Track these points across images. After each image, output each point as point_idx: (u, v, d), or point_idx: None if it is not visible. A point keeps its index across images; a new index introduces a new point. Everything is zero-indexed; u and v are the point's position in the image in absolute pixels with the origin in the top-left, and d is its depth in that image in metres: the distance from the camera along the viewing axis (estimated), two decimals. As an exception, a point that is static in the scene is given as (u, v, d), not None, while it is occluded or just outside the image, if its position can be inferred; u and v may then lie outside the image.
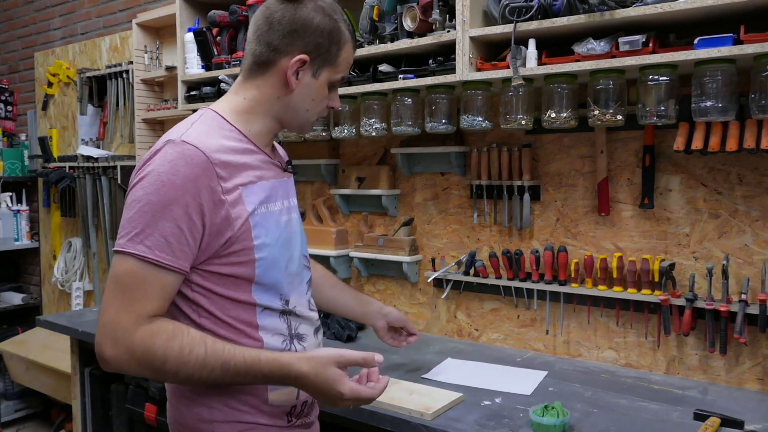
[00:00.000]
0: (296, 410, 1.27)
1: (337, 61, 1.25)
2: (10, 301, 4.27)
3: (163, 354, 1.06)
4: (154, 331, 1.06)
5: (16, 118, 4.48)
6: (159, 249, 1.06)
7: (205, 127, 1.17)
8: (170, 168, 1.08)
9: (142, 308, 1.06)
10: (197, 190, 1.09)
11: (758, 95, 1.54)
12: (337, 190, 2.54)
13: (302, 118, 1.28)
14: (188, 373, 1.08)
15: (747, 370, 1.76)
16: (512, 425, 1.49)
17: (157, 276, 1.07)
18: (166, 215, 1.06)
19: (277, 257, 1.22)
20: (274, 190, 1.25)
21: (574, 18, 1.63)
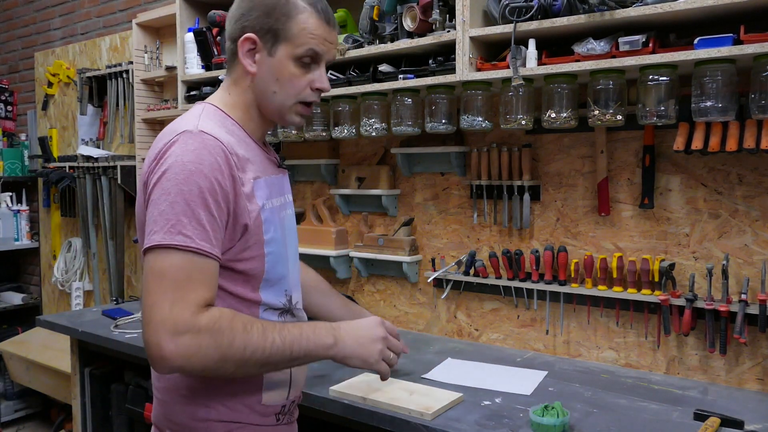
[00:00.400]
0: (285, 409, 1.29)
1: (292, 34, 1.18)
2: (10, 301, 4.27)
3: (230, 332, 1.04)
4: (217, 315, 1.05)
5: (16, 118, 4.48)
6: (200, 238, 1.05)
7: (212, 121, 1.17)
8: (195, 157, 1.07)
9: (198, 297, 1.04)
10: (223, 178, 1.09)
11: (758, 95, 1.54)
12: (337, 190, 2.54)
13: (275, 102, 1.22)
14: (254, 347, 1.07)
15: (747, 370, 1.76)
16: (512, 425, 1.49)
17: (203, 264, 1.05)
18: (200, 203, 1.05)
19: (282, 252, 1.23)
20: (274, 186, 1.25)
21: (574, 18, 1.63)
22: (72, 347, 2.64)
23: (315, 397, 1.69)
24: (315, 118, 2.33)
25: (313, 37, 1.19)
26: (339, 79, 2.17)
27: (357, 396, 1.65)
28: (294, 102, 1.23)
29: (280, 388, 1.25)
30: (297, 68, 1.20)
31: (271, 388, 1.24)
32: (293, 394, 1.30)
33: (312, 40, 1.19)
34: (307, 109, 1.25)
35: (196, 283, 1.04)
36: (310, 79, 1.22)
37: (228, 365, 1.06)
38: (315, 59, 1.21)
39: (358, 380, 1.77)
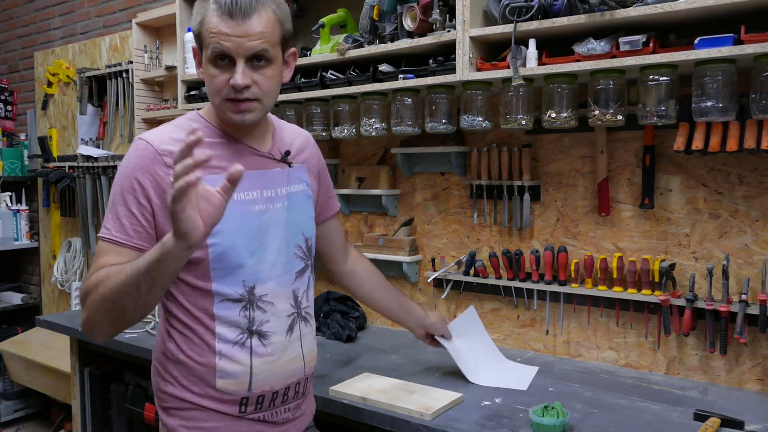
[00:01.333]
0: (249, 402, 1.30)
1: (203, 36, 1.22)
2: (10, 301, 4.26)
3: (96, 282, 1.14)
4: (100, 274, 1.15)
5: (16, 118, 4.48)
6: (115, 230, 1.21)
7: (173, 126, 1.29)
8: (126, 161, 1.25)
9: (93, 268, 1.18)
10: (143, 177, 1.21)
11: (759, 95, 1.54)
12: (337, 190, 2.53)
13: (213, 103, 1.28)
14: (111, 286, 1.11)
15: (747, 371, 1.76)
16: (512, 425, 1.49)
17: (117, 251, 1.20)
18: (120, 201, 1.22)
19: (237, 244, 1.25)
20: (248, 180, 1.27)
21: (575, 18, 1.63)
22: (72, 347, 2.63)
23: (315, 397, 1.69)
24: (315, 118, 2.33)
25: (214, 36, 1.18)
26: (339, 79, 2.17)
27: (357, 396, 1.65)
28: (220, 101, 1.24)
29: (237, 378, 1.28)
30: (215, 69, 1.22)
31: (225, 376, 1.27)
32: (259, 388, 1.30)
33: (213, 39, 1.19)
34: (238, 105, 1.23)
35: (100, 258, 1.20)
36: (227, 78, 1.21)
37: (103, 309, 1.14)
38: (224, 57, 1.20)
39: (358, 380, 1.77)
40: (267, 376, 1.31)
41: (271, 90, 1.26)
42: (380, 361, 2.01)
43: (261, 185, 1.31)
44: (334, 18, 2.26)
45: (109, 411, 2.61)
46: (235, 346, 1.27)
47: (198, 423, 1.28)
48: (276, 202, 1.33)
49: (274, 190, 1.33)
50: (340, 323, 2.28)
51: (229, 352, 1.27)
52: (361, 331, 2.38)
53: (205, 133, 1.23)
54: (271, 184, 1.33)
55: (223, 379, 1.27)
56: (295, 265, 1.36)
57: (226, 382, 1.27)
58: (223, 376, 1.27)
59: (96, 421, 2.65)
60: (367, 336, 2.34)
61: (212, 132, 1.29)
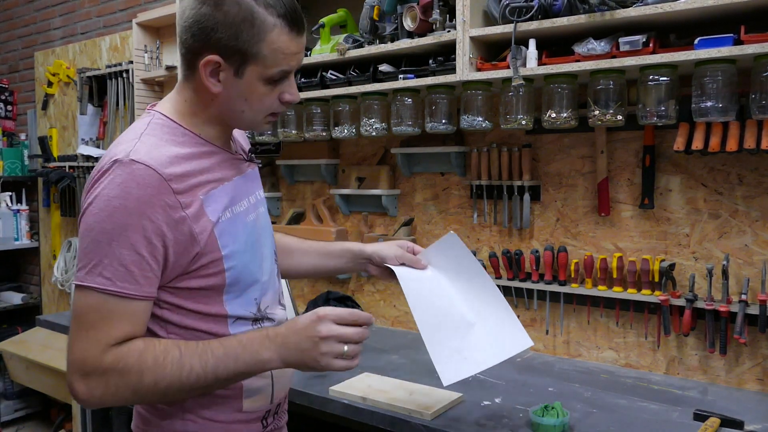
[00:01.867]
0: (270, 414, 1.24)
1: (263, 55, 1.06)
2: (10, 301, 4.27)
3: (138, 369, 1.00)
4: (124, 352, 1.01)
5: (16, 118, 4.48)
6: (120, 279, 1.00)
7: (154, 138, 1.08)
8: (121, 192, 1.00)
9: (108, 336, 1.01)
10: (153, 211, 1.01)
11: (758, 95, 1.54)
12: (337, 190, 2.54)
13: (244, 119, 1.15)
14: (168, 381, 1.02)
15: (747, 371, 1.76)
16: (512, 425, 1.49)
17: (123, 306, 1.01)
18: (123, 242, 1.00)
19: (248, 261, 1.15)
20: (238, 189, 1.17)
21: (575, 18, 1.63)
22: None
23: (315, 397, 1.69)
24: (315, 118, 2.33)
25: (285, 57, 1.08)
26: (339, 79, 2.17)
27: (357, 396, 1.65)
28: (264, 116, 1.16)
29: (262, 393, 1.21)
30: (266, 87, 1.11)
31: (251, 395, 1.19)
32: (278, 397, 1.25)
33: (284, 61, 1.09)
34: (276, 116, 1.19)
35: (112, 322, 1.01)
36: (278, 93, 1.13)
37: (147, 399, 1.06)
38: (285, 75, 1.12)
39: (358, 380, 1.77)
40: (284, 382, 1.27)
41: None
42: (380, 361, 2.01)
43: (246, 192, 1.21)
44: (334, 18, 2.27)
45: (109, 411, 2.61)
46: None
47: None
48: (259, 206, 1.24)
49: (255, 194, 1.24)
50: (340, 323, 2.28)
51: None
52: (361, 331, 2.37)
53: (188, 141, 1.12)
54: (252, 188, 1.23)
55: (249, 398, 1.18)
56: (275, 268, 1.30)
57: (252, 401, 1.19)
58: (249, 395, 1.18)
59: (96, 421, 2.65)
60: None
61: (193, 140, 1.13)
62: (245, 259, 1.14)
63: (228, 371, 1.05)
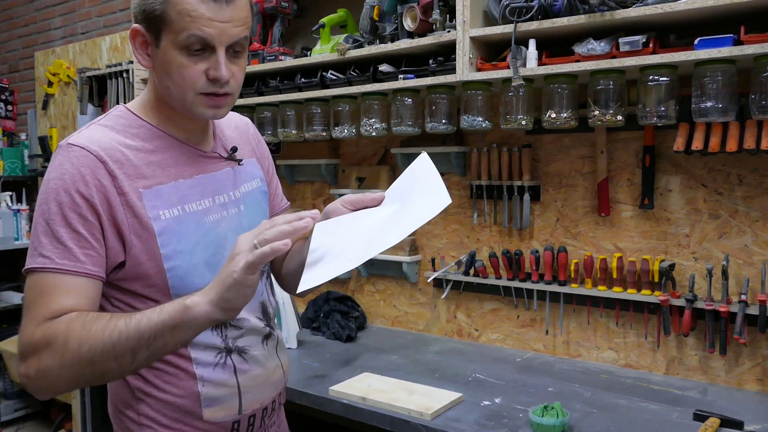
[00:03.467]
0: (242, 425, 1.18)
1: (170, 18, 1.01)
2: (10, 301, 4.27)
3: (64, 335, 0.94)
4: (55, 322, 0.96)
5: (17, 118, 4.48)
6: (59, 257, 0.99)
7: (104, 128, 1.09)
8: (57, 173, 1.02)
9: (46, 311, 0.97)
10: (87, 188, 1.01)
11: (758, 96, 1.54)
12: (337, 190, 2.54)
13: (174, 97, 1.08)
14: (91, 343, 0.93)
15: (747, 371, 1.76)
16: (512, 425, 1.49)
17: (64, 282, 0.99)
18: (60, 220, 1.00)
19: (197, 263, 1.09)
20: (197, 187, 1.13)
21: (575, 18, 1.63)
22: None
23: (315, 397, 1.69)
24: (315, 118, 2.33)
25: (193, 20, 1.00)
26: (339, 79, 2.17)
27: (357, 396, 1.65)
28: (193, 95, 1.06)
29: (226, 403, 1.14)
30: (184, 57, 1.03)
31: (211, 404, 1.13)
32: (249, 407, 1.18)
33: (192, 24, 1.00)
34: (217, 99, 1.08)
35: (50, 297, 0.97)
36: (204, 68, 1.04)
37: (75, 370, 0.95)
38: (205, 45, 1.03)
39: (358, 380, 1.77)
40: (256, 393, 1.19)
41: (241, 81, 1.12)
42: (380, 361, 2.01)
43: (212, 191, 1.15)
44: (334, 18, 2.27)
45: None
46: (216, 368, 1.13)
47: None
48: (230, 207, 1.18)
49: (227, 194, 1.18)
50: (340, 323, 2.29)
51: (211, 376, 1.12)
52: (361, 330, 2.38)
53: (143, 134, 1.10)
54: (222, 188, 1.17)
55: (209, 407, 1.12)
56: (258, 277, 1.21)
57: (213, 410, 1.13)
58: (209, 404, 1.12)
59: (96, 420, 2.65)
60: (367, 336, 2.34)
61: (151, 133, 1.11)
62: (194, 260, 1.08)
63: (151, 323, 0.94)
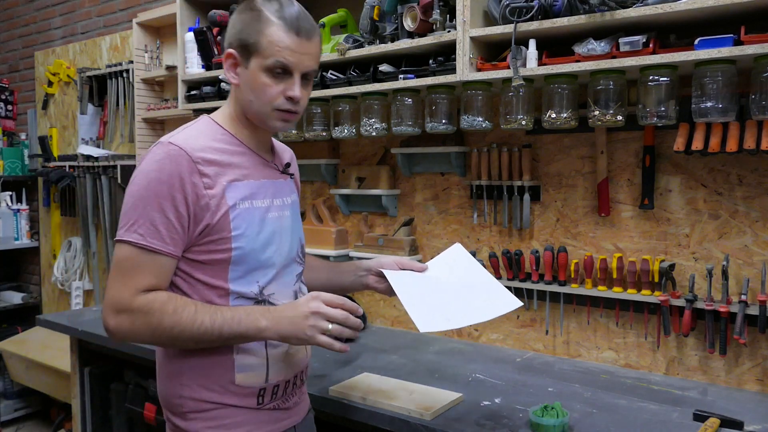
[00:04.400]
0: (266, 393, 1.34)
1: (262, 47, 1.26)
2: (10, 300, 4.27)
3: (160, 314, 1.20)
4: (150, 299, 1.21)
5: (17, 117, 4.48)
6: (150, 236, 1.21)
7: (195, 131, 1.30)
8: (157, 166, 1.23)
9: (138, 283, 1.21)
10: (181, 184, 1.22)
11: (758, 96, 1.54)
12: (337, 190, 2.54)
13: (253, 110, 1.31)
14: (181, 328, 1.21)
15: (747, 371, 1.76)
16: (512, 425, 1.49)
17: (151, 258, 1.22)
18: (156, 207, 1.21)
19: (257, 248, 1.31)
20: (264, 188, 1.36)
21: (575, 18, 1.63)
22: (72, 346, 2.64)
23: (315, 397, 1.69)
24: (315, 118, 2.33)
25: (280, 50, 1.26)
26: (339, 79, 2.17)
27: (357, 396, 1.65)
28: (270, 109, 1.30)
29: (255, 371, 1.32)
30: (268, 78, 1.28)
31: (243, 370, 1.31)
32: (274, 378, 1.34)
33: (279, 52, 1.26)
34: (288, 115, 1.32)
35: (141, 271, 1.21)
36: (282, 89, 1.29)
37: (160, 341, 1.25)
38: (285, 70, 1.28)
39: (358, 380, 1.77)
40: (281, 367, 1.36)
41: (305, 105, 1.37)
42: (380, 361, 2.01)
43: (273, 194, 1.38)
44: (334, 18, 2.27)
45: (108, 410, 2.61)
46: None
47: (220, 421, 1.30)
48: (284, 210, 1.41)
49: (282, 199, 1.41)
50: (340, 323, 2.28)
51: (246, 346, 1.30)
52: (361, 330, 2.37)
53: (226, 140, 1.32)
54: (280, 193, 1.41)
55: (242, 372, 1.30)
56: (295, 268, 1.43)
57: (244, 376, 1.31)
58: (242, 370, 1.30)
59: (96, 420, 2.65)
60: (367, 336, 2.34)
61: (231, 140, 1.34)
62: (255, 245, 1.30)
63: (231, 331, 1.23)
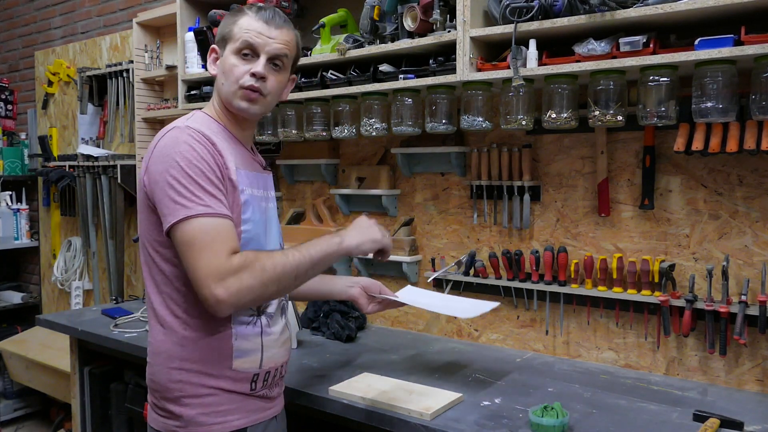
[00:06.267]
0: (259, 379, 1.41)
1: (233, 33, 1.38)
2: (10, 300, 4.27)
3: (260, 263, 1.25)
4: (244, 255, 1.25)
5: (17, 117, 4.48)
6: (215, 205, 1.26)
7: (198, 122, 1.37)
8: (188, 147, 1.28)
9: (226, 247, 1.24)
10: (215, 160, 1.30)
11: (759, 96, 1.54)
12: (337, 190, 2.54)
13: (223, 91, 1.41)
14: (282, 264, 1.28)
15: (746, 371, 1.76)
16: (511, 426, 1.49)
17: (223, 224, 1.26)
18: (206, 180, 1.27)
19: (258, 233, 1.40)
20: (256, 179, 1.45)
21: (575, 18, 1.63)
22: (71, 346, 2.64)
23: (315, 397, 1.69)
24: (315, 117, 2.33)
25: (247, 31, 1.37)
26: (339, 79, 2.17)
27: (357, 396, 1.65)
28: (237, 88, 1.38)
29: (251, 356, 1.39)
30: (237, 59, 1.38)
31: (240, 355, 1.38)
32: (267, 364, 1.42)
33: (246, 34, 1.37)
34: (251, 93, 1.39)
35: (222, 237, 1.24)
36: (249, 68, 1.38)
37: (270, 287, 1.27)
38: (253, 51, 1.38)
39: (358, 380, 1.77)
40: (273, 353, 1.44)
41: (275, 92, 1.44)
42: (380, 361, 2.01)
43: (263, 186, 1.48)
44: (334, 18, 2.26)
45: (108, 410, 2.61)
46: (248, 326, 1.39)
47: (214, 408, 1.35)
48: (270, 202, 1.51)
49: (268, 191, 1.51)
50: (340, 323, 2.28)
51: (244, 332, 1.38)
52: (360, 330, 2.38)
53: (221, 132, 1.40)
54: (265, 186, 1.50)
55: (239, 358, 1.37)
56: None
57: (241, 361, 1.37)
58: (239, 356, 1.37)
59: (96, 420, 2.65)
60: (367, 336, 2.34)
61: (225, 133, 1.42)
62: (258, 230, 1.40)
63: (317, 252, 1.34)
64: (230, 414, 1.36)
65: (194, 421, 1.34)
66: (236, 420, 1.37)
